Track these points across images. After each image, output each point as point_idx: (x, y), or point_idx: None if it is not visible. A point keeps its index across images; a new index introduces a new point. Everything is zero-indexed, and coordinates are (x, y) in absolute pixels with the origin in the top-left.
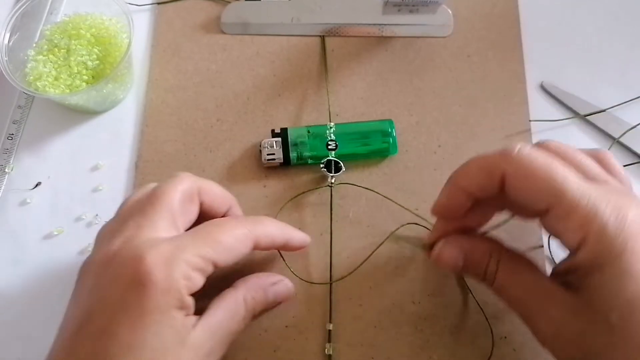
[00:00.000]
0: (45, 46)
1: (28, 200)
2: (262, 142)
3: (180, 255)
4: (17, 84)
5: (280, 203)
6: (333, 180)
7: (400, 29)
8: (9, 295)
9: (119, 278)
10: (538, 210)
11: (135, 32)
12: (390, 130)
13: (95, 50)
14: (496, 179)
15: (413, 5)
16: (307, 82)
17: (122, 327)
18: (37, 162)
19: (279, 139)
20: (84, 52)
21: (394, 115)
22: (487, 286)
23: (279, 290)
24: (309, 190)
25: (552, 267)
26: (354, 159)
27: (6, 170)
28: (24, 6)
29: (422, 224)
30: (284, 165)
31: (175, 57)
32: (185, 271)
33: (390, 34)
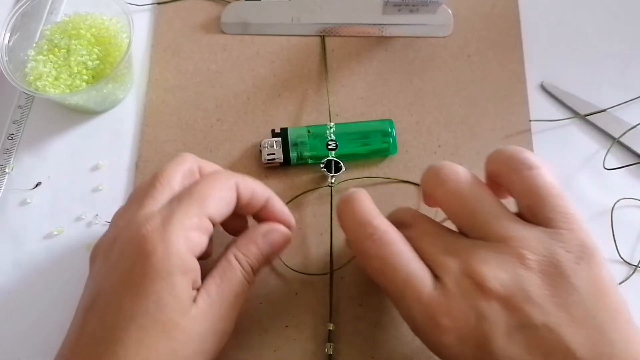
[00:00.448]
0: (45, 46)
1: (28, 200)
2: (262, 142)
3: (173, 218)
4: (17, 83)
5: None
6: (333, 180)
7: (400, 29)
8: (9, 295)
9: (123, 254)
10: None
11: (135, 32)
12: (390, 130)
13: (95, 50)
14: None
15: (413, 5)
16: (307, 82)
17: (125, 298)
18: (37, 162)
19: (279, 139)
20: (84, 52)
21: (394, 115)
22: None
23: (273, 239)
24: (309, 190)
25: None
26: (354, 159)
27: (6, 170)
28: (24, 6)
29: None
30: (284, 165)
31: (175, 57)
32: (181, 232)
33: (390, 34)
